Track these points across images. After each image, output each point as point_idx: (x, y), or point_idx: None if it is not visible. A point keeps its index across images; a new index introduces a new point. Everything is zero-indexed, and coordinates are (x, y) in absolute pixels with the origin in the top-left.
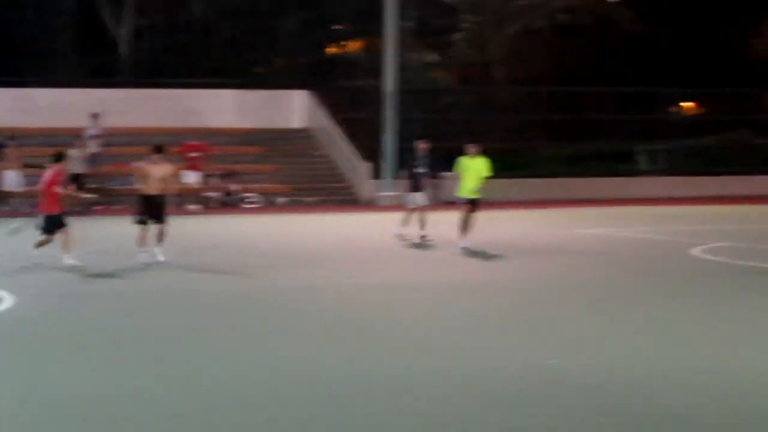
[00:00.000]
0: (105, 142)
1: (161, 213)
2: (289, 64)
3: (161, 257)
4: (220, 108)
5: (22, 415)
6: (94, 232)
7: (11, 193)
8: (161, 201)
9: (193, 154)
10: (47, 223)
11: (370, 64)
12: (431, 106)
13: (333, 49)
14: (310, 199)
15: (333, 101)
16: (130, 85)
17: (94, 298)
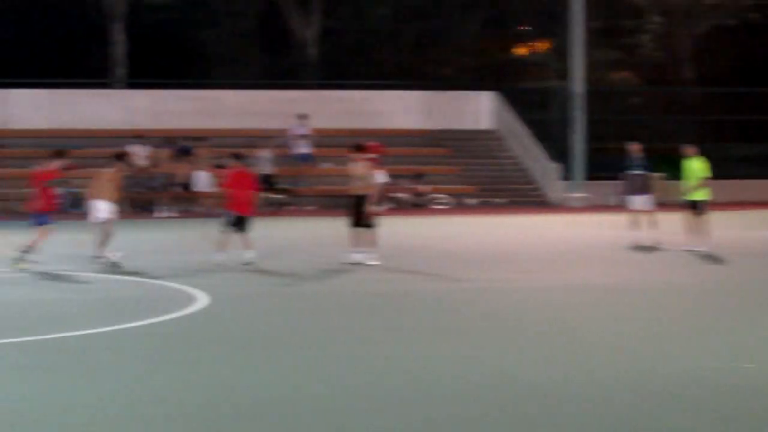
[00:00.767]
0: (315, 143)
1: (362, 214)
2: (473, 65)
3: (365, 260)
4: (405, 109)
5: (208, 416)
6: (283, 233)
7: (203, 194)
8: (362, 202)
9: (372, 156)
10: (236, 223)
11: (557, 65)
12: (619, 107)
13: (518, 50)
14: (499, 200)
15: (519, 102)
16: (315, 87)
17: (288, 298)
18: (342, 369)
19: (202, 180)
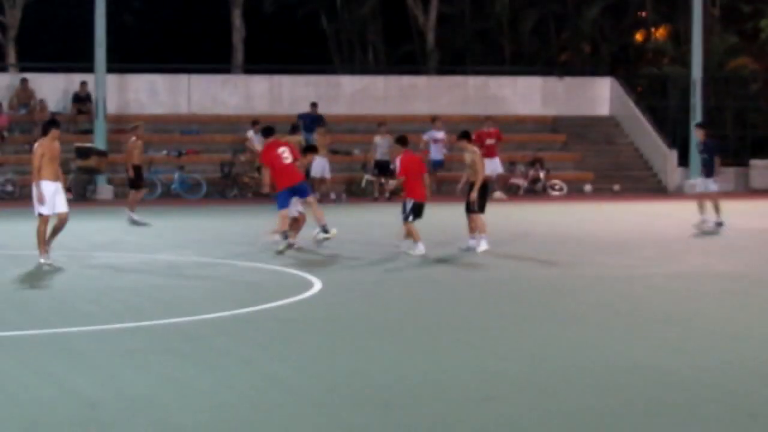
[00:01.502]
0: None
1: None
2: (593, 50)
3: (478, 247)
4: (524, 96)
5: (330, 403)
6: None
7: (321, 180)
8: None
9: (489, 142)
10: (412, 210)
11: (676, 52)
12: (739, 93)
13: (637, 36)
14: (617, 187)
15: (638, 88)
16: (434, 73)
17: (404, 284)
18: (473, 355)
19: (318, 166)
